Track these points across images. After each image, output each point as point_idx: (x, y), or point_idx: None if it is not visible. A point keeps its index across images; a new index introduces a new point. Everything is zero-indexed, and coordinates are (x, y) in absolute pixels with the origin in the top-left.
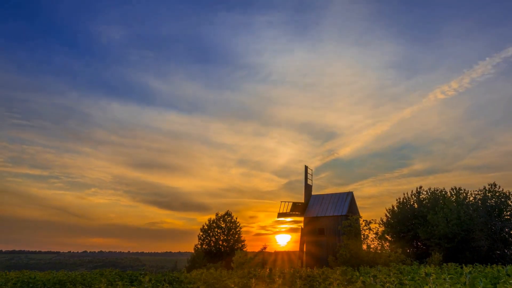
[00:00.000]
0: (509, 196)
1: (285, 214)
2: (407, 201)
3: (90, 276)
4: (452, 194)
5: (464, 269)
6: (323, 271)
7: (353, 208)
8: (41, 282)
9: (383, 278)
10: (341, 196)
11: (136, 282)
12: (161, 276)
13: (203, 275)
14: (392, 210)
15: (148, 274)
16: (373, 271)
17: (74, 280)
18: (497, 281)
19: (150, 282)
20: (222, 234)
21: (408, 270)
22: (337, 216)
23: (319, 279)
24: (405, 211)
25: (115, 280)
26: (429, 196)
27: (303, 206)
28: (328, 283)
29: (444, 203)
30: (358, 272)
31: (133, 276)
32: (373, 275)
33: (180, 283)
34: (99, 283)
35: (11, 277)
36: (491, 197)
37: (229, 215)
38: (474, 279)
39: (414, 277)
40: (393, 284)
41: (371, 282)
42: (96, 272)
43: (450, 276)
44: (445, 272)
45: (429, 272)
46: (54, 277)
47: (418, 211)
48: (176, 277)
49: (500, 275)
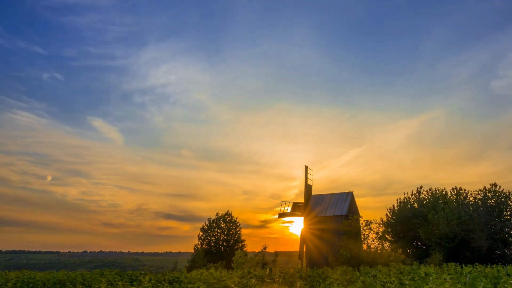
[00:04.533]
0: (509, 196)
1: (285, 214)
2: (408, 200)
3: (90, 276)
4: (452, 194)
5: (464, 269)
6: (323, 271)
7: (353, 208)
8: (41, 282)
9: (383, 278)
10: (341, 196)
11: (136, 282)
12: (161, 276)
13: (203, 275)
14: (392, 209)
15: (148, 274)
16: (373, 271)
17: (74, 280)
18: (497, 281)
19: (150, 282)
20: (222, 234)
21: (408, 270)
22: (337, 216)
23: (319, 279)
24: (406, 211)
25: (115, 280)
26: (429, 196)
27: (303, 206)
28: (328, 283)
29: (445, 203)
30: (358, 272)
31: (133, 276)
32: (373, 275)
33: (180, 283)
34: (99, 283)
35: (11, 277)
36: (491, 197)
37: (229, 215)
38: (474, 279)
39: (414, 277)
40: (393, 284)
41: (371, 282)
42: (96, 272)
43: (450, 276)
44: (445, 272)
45: (429, 272)
46: (54, 277)
47: (419, 211)
48: (176, 277)
49: (500, 275)
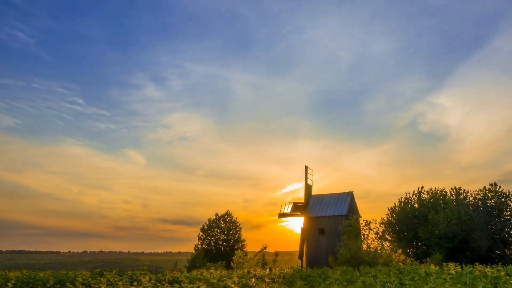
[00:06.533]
0: (509, 196)
1: (285, 214)
2: (408, 200)
3: (90, 276)
4: (452, 194)
5: (464, 269)
6: (323, 271)
7: (353, 208)
8: (41, 282)
9: (383, 278)
10: (341, 196)
11: (136, 282)
12: (161, 276)
13: (203, 275)
14: (393, 209)
15: (148, 274)
16: (373, 271)
17: (74, 280)
18: (497, 281)
19: (150, 282)
20: (222, 234)
21: (408, 270)
22: (337, 216)
23: (319, 279)
24: (406, 211)
25: (115, 280)
26: (429, 196)
27: (303, 206)
28: (328, 283)
29: (445, 203)
30: (358, 272)
31: (133, 276)
32: (373, 275)
33: (180, 283)
34: (99, 283)
35: (11, 277)
36: (491, 197)
37: (229, 215)
38: (474, 279)
39: (414, 277)
40: (393, 284)
41: (371, 282)
42: (96, 272)
43: (450, 276)
44: (445, 272)
45: (429, 272)
46: (54, 277)
47: (419, 211)
48: (176, 277)
49: (500, 275)
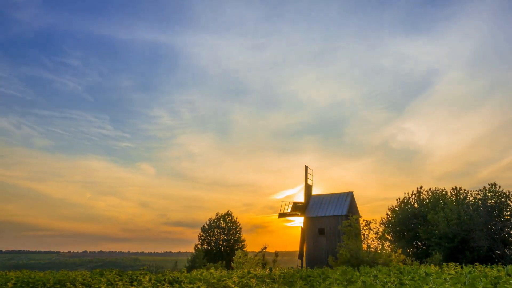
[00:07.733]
0: (509, 196)
1: (286, 214)
2: (408, 200)
3: (90, 276)
4: (452, 194)
5: (464, 269)
6: (323, 271)
7: (353, 208)
8: (41, 282)
9: (383, 278)
10: (341, 196)
11: (136, 282)
12: (161, 276)
13: (203, 275)
14: (393, 209)
15: (148, 274)
16: (373, 271)
17: (74, 280)
18: (497, 281)
19: (150, 282)
20: (222, 234)
21: (408, 270)
22: (337, 216)
23: (319, 279)
24: (406, 211)
25: (115, 280)
26: (429, 196)
27: (303, 206)
28: (328, 283)
29: (445, 203)
30: (358, 272)
31: (133, 276)
32: (373, 275)
33: (180, 283)
34: (99, 283)
35: (11, 277)
36: (491, 197)
37: (229, 215)
38: (474, 279)
39: (414, 277)
40: (393, 284)
41: (372, 282)
42: (96, 272)
43: (450, 276)
44: (445, 272)
45: (429, 272)
46: (54, 277)
47: (419, 211)
48: (176, 277)
49: (500, 275)
